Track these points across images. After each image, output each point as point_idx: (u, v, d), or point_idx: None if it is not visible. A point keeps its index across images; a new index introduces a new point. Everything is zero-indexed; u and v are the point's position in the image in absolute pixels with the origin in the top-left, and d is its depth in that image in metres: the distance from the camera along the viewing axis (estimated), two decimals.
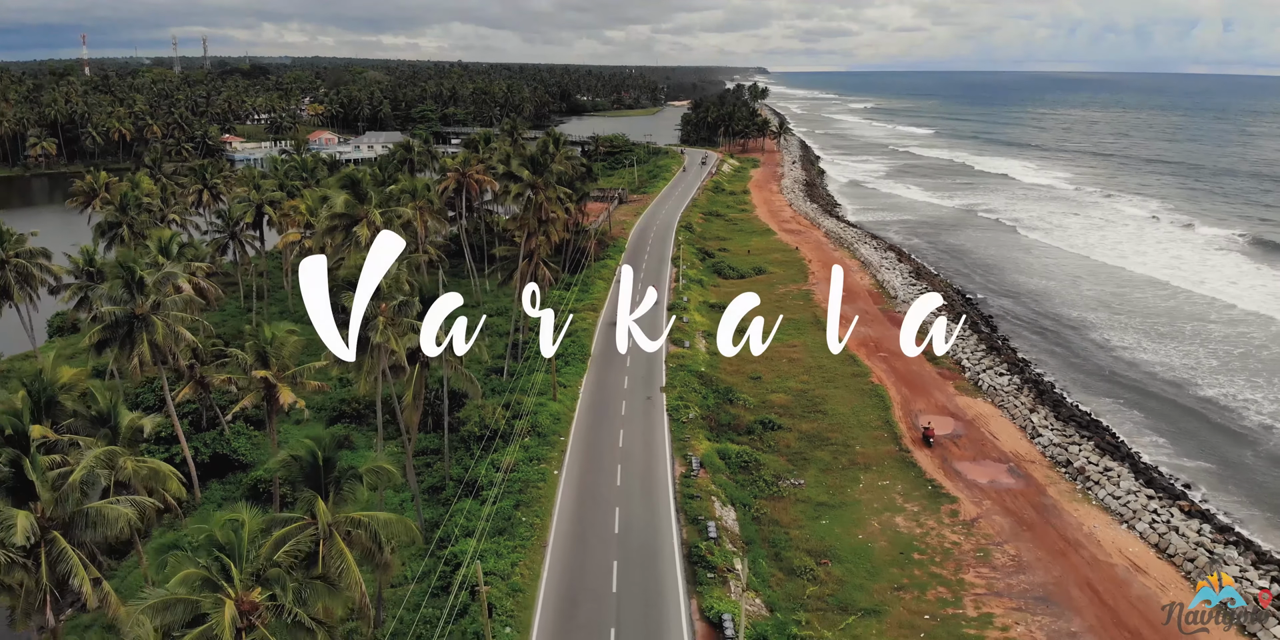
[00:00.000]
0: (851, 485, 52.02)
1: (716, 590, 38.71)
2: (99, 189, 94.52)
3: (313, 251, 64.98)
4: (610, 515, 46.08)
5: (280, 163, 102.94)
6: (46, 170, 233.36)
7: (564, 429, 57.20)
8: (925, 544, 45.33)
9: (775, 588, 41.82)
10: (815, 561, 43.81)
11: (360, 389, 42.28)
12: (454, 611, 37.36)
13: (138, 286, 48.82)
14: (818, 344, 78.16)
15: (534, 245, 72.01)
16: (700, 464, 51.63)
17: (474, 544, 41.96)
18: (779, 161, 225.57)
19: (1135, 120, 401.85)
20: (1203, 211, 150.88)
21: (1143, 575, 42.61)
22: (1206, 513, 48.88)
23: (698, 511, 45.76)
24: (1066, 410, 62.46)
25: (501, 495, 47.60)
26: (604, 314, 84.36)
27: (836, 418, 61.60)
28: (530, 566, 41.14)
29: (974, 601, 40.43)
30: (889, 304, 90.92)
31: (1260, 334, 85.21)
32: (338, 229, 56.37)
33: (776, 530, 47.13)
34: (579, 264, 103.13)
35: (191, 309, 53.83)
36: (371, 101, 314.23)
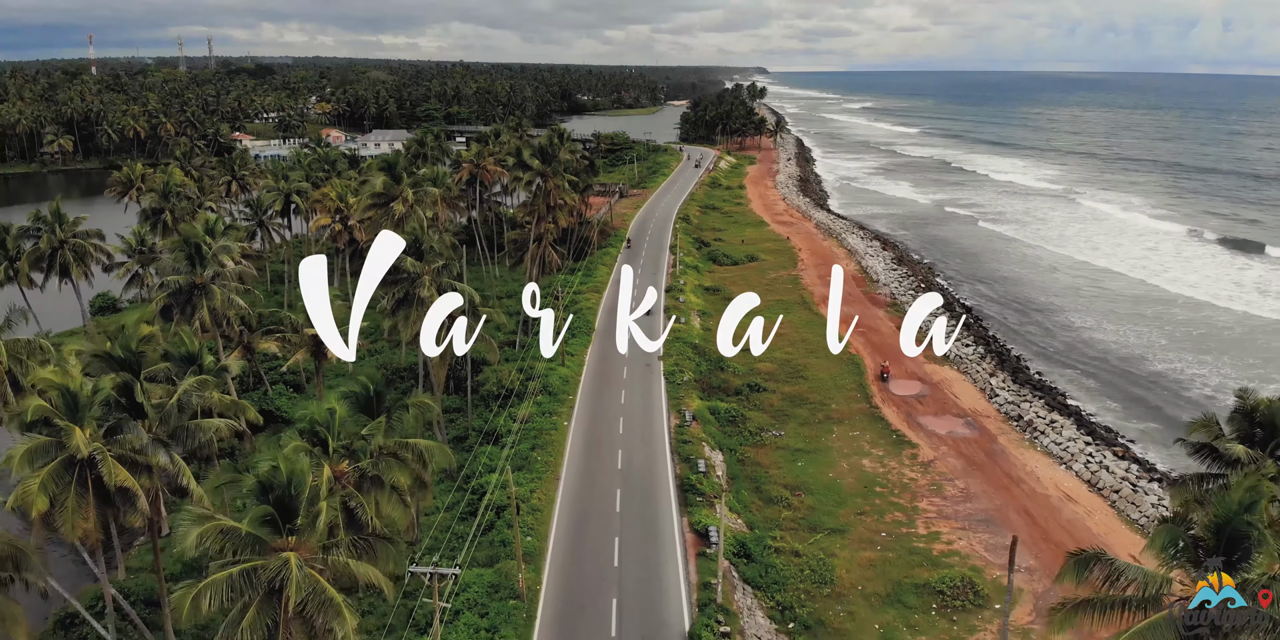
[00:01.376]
0: (825, 435, 58.99)
1: (704, 510, 45.58)
2: (135, 180, 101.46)
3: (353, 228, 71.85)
4: (614, 456, 52.94)
5: (303, 156, 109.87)
6: (63, 167, 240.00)
7: (572, 389, 64.07)
8: (886, 480, 52.29)
9: (755, 512, 48.78)
10: (790, 493, 50.78)
11: (405, 336, 48.94)
12: (481, 528, 44.24)
13: (199, 258, 55.76)
14: (803, 321, 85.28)
15: (543, 229, 78.93)
16: (693, 417, 58.51)
17: (495, 477, 48.82)
18: (775, 158, 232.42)
19: (1126, 120, 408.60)
20: (1178, 208, 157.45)
21: (1073, 504, 49.51)
22: (1137, 457, 55.79)
23: (689, 453, 52.63)
24: (1024, 376, 69.46)
25: (518, 440, 54.44)
26: (606, 295, 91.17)
27: (816, 382, 68.60)
28: (546, 493, 48.02)
29: (925, 523, 47.38)
30: (870, 287, 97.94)
31: (1220, 319, 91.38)
32: (377, 205, 63.32)
33: (758, 470, 54.11)
34: (582, 252, 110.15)
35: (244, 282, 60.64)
36: (377, 100, 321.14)
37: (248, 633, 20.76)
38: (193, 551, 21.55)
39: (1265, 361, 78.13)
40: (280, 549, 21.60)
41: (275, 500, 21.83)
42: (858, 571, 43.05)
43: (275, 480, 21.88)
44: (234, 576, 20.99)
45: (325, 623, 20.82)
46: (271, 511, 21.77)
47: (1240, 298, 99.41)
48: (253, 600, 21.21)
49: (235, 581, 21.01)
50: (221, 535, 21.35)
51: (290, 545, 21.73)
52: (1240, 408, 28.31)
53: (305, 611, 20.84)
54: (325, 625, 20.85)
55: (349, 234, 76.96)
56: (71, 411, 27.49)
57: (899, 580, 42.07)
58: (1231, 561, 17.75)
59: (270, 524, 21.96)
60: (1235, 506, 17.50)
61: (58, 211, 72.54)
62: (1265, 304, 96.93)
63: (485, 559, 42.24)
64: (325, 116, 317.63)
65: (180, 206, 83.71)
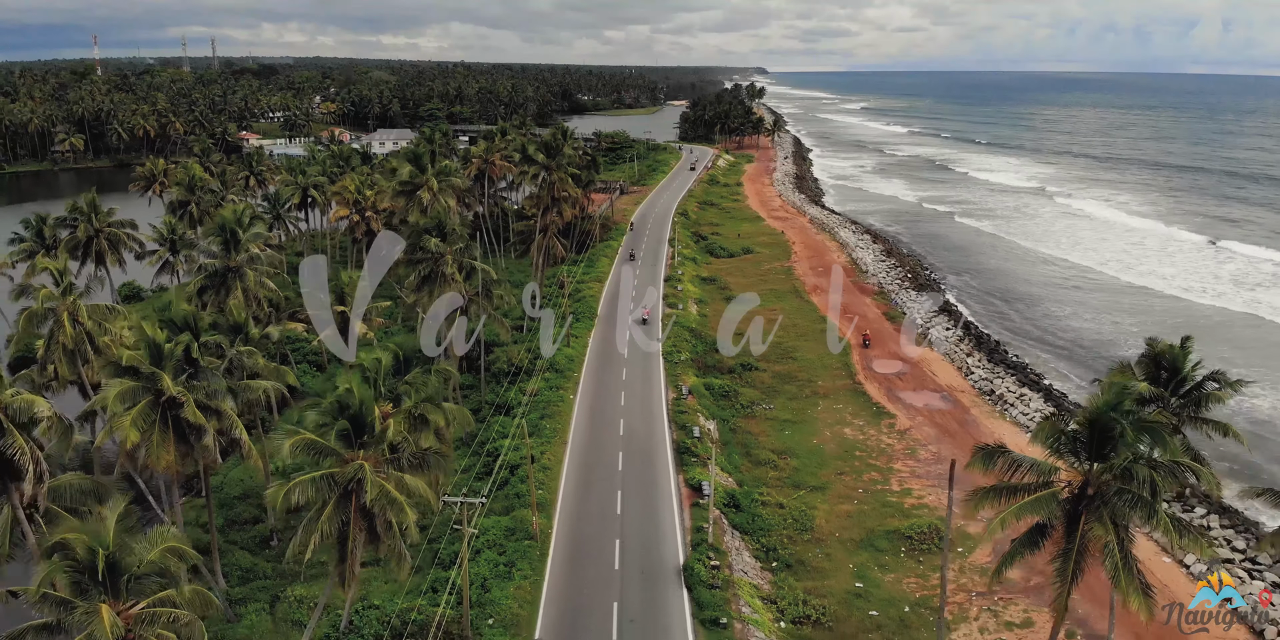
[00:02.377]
0: (811, 408, 63.79)
1: (698, 468, 50.36)
2: (158, 175, 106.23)
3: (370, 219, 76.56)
4: (616, 425, 57.73)
5: (318, 152, 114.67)
6: (74, 165, 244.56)
7: (577, 368, 68.81)
8: (865, 446, 57.11)
9: (745, 473, 53.58)
10: (777, 456, 55.60)
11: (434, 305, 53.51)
12: (497, 484, 49.02)
13: (234, 243, 60.54)
14: (794, 308, 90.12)
15: (548, 220, 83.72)
16: (689, 391, 63.29)
17: (508, 442, 53.58)
18: (772, 157, 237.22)
19: (1121, 120, 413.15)
20: (1162, 206, 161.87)
21: None
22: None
23: (685, 421, 57.40)
24: (999, 356, 74.26)
25: (528, 411, 59.22)
26: (607, 284, 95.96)
27: (804, 362, 73.37)
28: (555, 455, 52.80)
29: (899, 481, 52.18)
30: (860, 277, 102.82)
31: (1194, 311, 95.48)
32: (404, 192, 68.17)
33: (748, 437, 58.92)
34: (584, 245, 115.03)
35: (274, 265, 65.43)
36: (381, 100, 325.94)
37: (326, 524, 25.50)
38: (286, 457, 26.29)
39: (1234, 349, 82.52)
40: (351, 460, 26.34)
41: (350, 418, 26.58)
42: (835, 521, 47.86)
43: (349, 401, 26.62)
44: (317, 479, 25.72)
45: (390, 517, 25.55)
46: (348, 427, 26.50)
47: (1212, 289, 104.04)
48: (330, 499, 25.94)
49: (318, 483, 25.73)
50: (307, 446, 26.07)
51: (360, 457, 26.47)
52: (1148, 353, 32.98)
53: (374, 508, 25.59)
54: (388, 519, 25.58)
55: (366, 224, 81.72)
56: (156, 361, 32.18)
57: (872, 528, 46.90)
58: (1103, 452, 22.28)
59: (344, 438, 26.71)
60: (1103, 404, 22.07)
61: (94, 202, 77.23)
62: (1238, 296, 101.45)
63: (501, 509, 47.02)
64: (330, 116, 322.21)
65: (205, 199, 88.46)
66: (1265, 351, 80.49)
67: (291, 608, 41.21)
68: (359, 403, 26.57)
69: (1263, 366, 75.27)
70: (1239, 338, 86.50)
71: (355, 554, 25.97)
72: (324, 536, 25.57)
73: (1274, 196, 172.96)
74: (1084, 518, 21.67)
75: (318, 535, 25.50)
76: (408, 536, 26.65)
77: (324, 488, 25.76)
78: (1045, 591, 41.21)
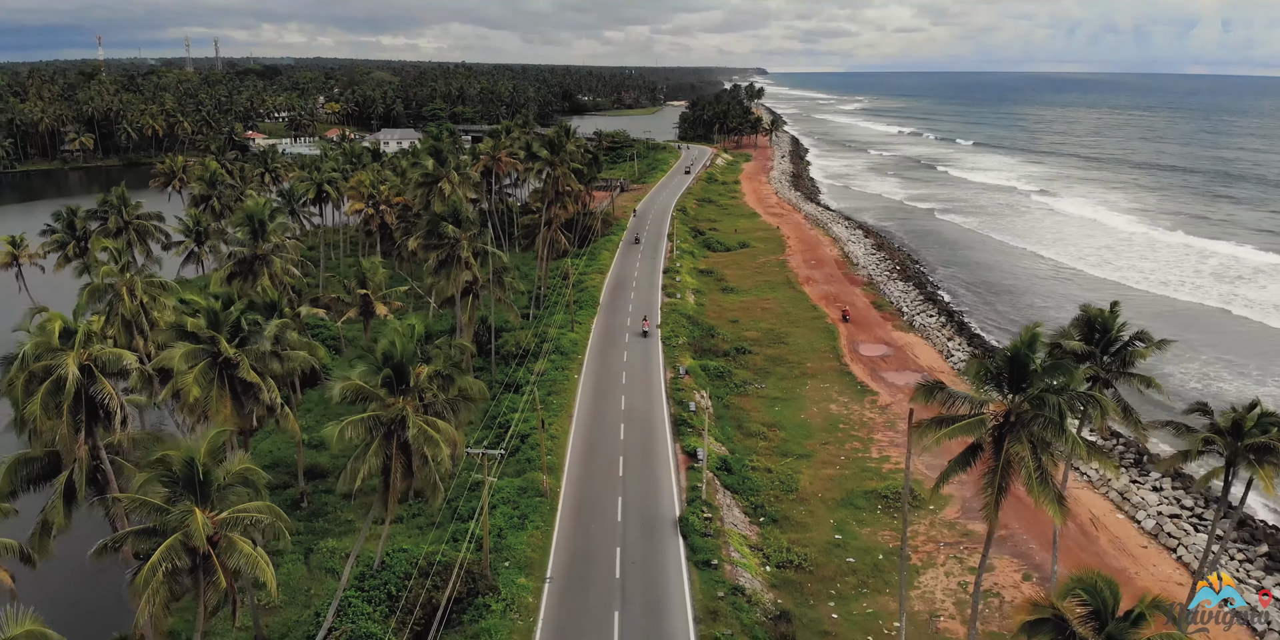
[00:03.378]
0: (800, 387, 68.17)
1: (693, 437, 54.72)
2: (178, 171, 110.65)
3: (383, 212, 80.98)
4: (618, 400, 62.08)
5: (330, 150, 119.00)
6: (83, 164, 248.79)
7: (580, 350, 73.20)
8: (849, 419, 61.49)
9: (737, 443, 57.95)
10: (767, 429, 59.97)
11: (447, 292, 57.83)
12: (509, 451, 53.32)
13: (261, 232, 64.87)
14: (787, 298, 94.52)
15: (552, 213, 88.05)
16: (686, 371, 67.61)
17: (518, 415, 57.93)
18: (770, 156, 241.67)
19: (1114, 120, 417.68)
20: (1146, 204, 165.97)
21: None
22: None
23: (682, 397, 61.74)
24: (979, 341, 78.58)
25: (535, 388, 63.57)
26: (609, 276, 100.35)
27: (795, 346, 77.76)
28: (562, 426, 57.15)
29: (878, 449, 56.57)
30: (851, 269, 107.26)
31: (1172, 305, 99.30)
32: (425, 184, 72.62)
33: (741, 413, 63.29)
34: (586, 239, 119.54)
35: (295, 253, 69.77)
36: (385, 100, 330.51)
37: (373, 459, 29.83)
38: (337, 398, 30.66)
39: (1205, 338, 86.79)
40: (393, 404, 30.68)
41: (393, 367, 30.92)
42: (819, 483, 52.25)
43: (392, 353, 30.95)
44: (366, 419, 30.06)
45: (426, 451, 29.89)
46: (391, 375, 30.83)
47: (1190, 283, 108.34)
48: (375, 437, 30.27)
49: (367, 422, 30.05)
50: (356, 391, 30.43)
51: (401, 402, 30.80)
52: (1081, 317, 37.33)
53: (412, 444, 29.92)
54: (424, 453, 29.92)
55: (380, 217, 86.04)
56: (214, 326, 36.47)
57: (852, 489, 51.30)
58: (1021, 386, 26.52)
59: (387, 385, 31.04)
60: (1019, 344, 26.33)
61: (124, 196, 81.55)
62: (1214, 291, 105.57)
63: (514, 473, 51.37)
64: (334, 116, 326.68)
65: (225, 194, 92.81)
66: (1233, 341, 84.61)
67: (325, 557, 45.66)
68: (400, 355, 30.90)
69: (1232, 355, 79.65)
70: (1210, 328, 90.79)
71: (396, 484, 30.29)
72: (370, 470, 29.91)
73: (1258, 195, 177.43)
74: (1007, 440, 25.93)
75: (365, 467, 29.79)
76: (440, 468, 30.93)
77: (371, 426, 30.06)
78: (1006, 542, 45.74)
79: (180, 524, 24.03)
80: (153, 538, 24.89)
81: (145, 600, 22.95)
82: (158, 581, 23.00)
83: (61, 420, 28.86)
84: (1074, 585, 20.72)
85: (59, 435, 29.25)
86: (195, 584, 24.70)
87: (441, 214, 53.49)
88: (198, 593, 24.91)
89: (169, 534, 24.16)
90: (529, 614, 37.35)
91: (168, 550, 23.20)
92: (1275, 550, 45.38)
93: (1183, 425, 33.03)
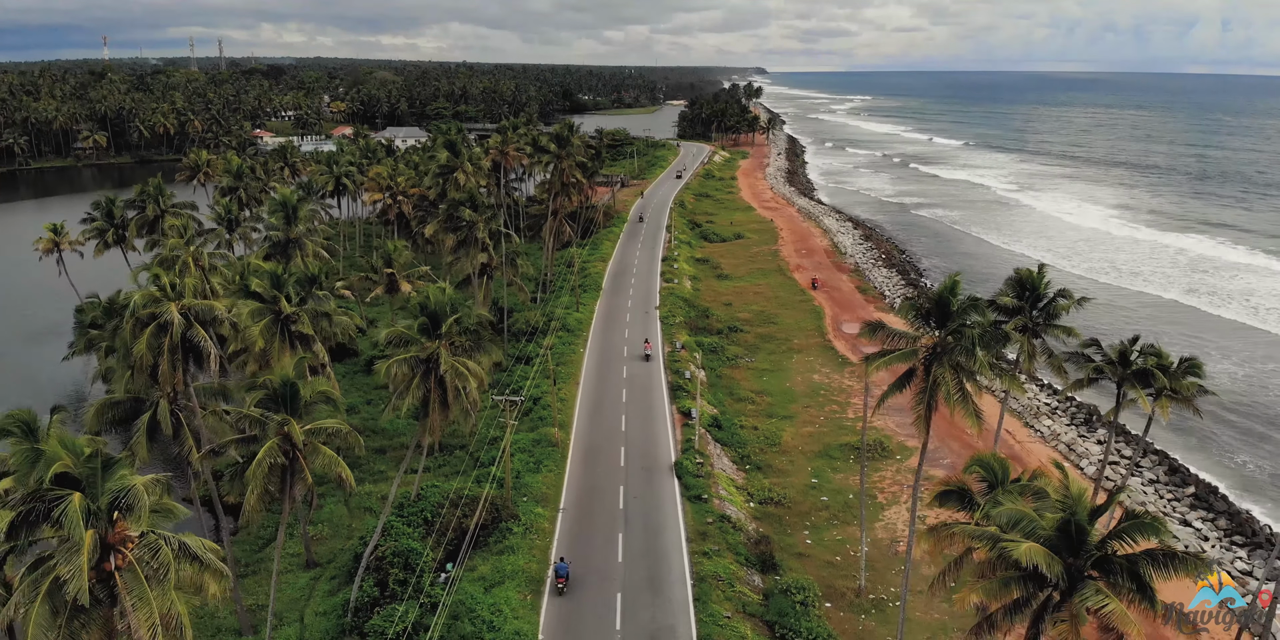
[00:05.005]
0: (787, 361, 74.41)
1: (688, 400, 60.91)
2: (202, 165, 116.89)
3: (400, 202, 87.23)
4: (620, 370, 68.30)
5: (347, 145, 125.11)
6: (96, 161, 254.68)
7: (585, 328, 79.44)
8: (829, 387, 67.72)
9: (727, 407, 64.16)
10: (755, 395, 66.18)
11: (466, 268, 64.08)
12: (522, 411, 59.50)
13: (293, 217, 71.09)
14: (777, 283, 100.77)
15: (558, 204, 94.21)
16: (682, 346, 73.83)
17: (529, 381, 64.10)
18: (766, 154, 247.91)
19: (1107, 119, 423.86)
20: (1130, 202, 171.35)
21: None
22: (1035, 377, 71.08)
23: (679, 368, 67.97)
24: None
25: (549, 352, 69.76)
26: (610, 264, 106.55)
27: (784, 326, 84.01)
28: (570, 391, 63.36)
29: (854, 412, 62.77)
30: (840, 258, 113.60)
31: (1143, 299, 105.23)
32: (442, 174, 78.90)
33: (732, 382, 69.53)
34: (589, 231, 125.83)
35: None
36: (390, 99, 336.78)
37: (416, 391, 36.06)
38: (382, 341, 37.09)
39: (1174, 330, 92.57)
40: (429, 346, 36.94)
41: (429, 315, 37.15)
42: (799, 439, 58.50)
43: (428, 303, 37.18)
44: (408, 357, 36.29)
45: (459, 384, 36.12)
46: (427, 322, 37.04)
47: (1161, 274, 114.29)
48: (416, 373, 36.50)
49: (409, 360, 36.28)
50: (399, 336, 36.74)
51: (436, 344, 37.04)
52: (1013, 278, 43.55)
53: (446, 378, 36.14)
54: (457, 386, 36.14)
55: (398, 207, 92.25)
56: (276, 287, 42.63)
57: (829, 443, 57.55)
58: (945, 322, 32.58)
59: (425, 331, 37.28)
60: (943, 288, 32.42)
61: (160, 186, 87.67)
62: (1182, 283, 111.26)
63: (528, 429, 57.58)
64: (340, 115, 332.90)
65: (251, 186, 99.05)
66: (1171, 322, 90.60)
67: (363, 499, 52.04)
68: (435, 306, 37.11)
69: (1193, 339, 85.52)
70: (1175, 319, 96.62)
71: (435, 412, 36.45)
72: (413, 400, 36.13)
73: (1236, 193, 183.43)
74: (934, 366, 31.99)
75: (409, 399, 35.99)
76: (471, 398, 37.11)
77: (413, 364, 36.25)
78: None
79: (279, 430, 30.21)
80: (251, 445, 31.08)
81: (250, 489, 29.06)
82: (261, 473, 29.11)
83: (163, 358, 34.90)
84: (973, 464, 26.90)
85: (160, 371, 35.27)
86: (284, 482, 30.85)
87: (460, 199, 59.77)
88: (285, 490, 31.07)
89: (268, 440, 30.32)
90: (545, 536, 43.61)
91: (269, 450, 29.29)
92: (1200, 491, 51.68)
93: (1082, 355, 39.36)
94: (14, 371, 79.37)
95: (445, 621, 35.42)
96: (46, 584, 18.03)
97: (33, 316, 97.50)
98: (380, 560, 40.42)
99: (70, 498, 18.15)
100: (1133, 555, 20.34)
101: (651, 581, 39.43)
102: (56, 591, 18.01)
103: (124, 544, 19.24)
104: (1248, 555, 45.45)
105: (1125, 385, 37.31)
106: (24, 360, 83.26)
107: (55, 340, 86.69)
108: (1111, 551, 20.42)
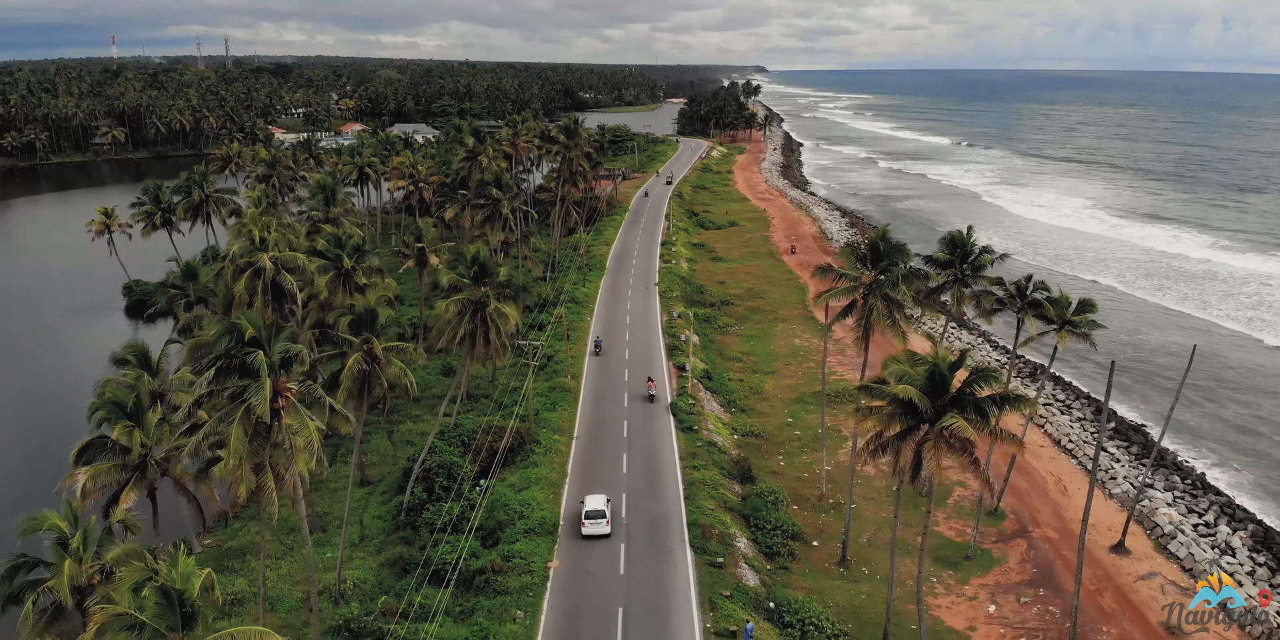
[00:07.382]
0: (772, 328, 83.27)
1: (682, 356, 69.75)
2: (233, 156, 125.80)
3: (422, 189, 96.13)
4: (623, 334, 77.10)
5: (366, 138, 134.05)
6: (114, 156, 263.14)
7: (591, 300, 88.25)
8: (808, 349, 76.56)
9: (717, 364, 72.99)
10: (742, 355, 75.04)
11: (493, 241, 72.70)
12: (538, 368, 68.31)
13: (331, 199, 79.86)
14: (767, 265, 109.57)
15: (566, 191, 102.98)
16: (678, 315, 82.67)
17: (545, 335, 72.79)
18: (763, 149, 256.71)
19: (1101, 117, 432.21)
20: (1113, 196, 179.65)
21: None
22: (993, 341, 79.79)
23: (675, 332, 76.81)
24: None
25: (557, 324, 78.64)
26: (613, 247, 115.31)
27: (771, 300, 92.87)
28: (579, 350, 72.17)
29: (828, 368, 71.48)
30: (826, 243, 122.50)
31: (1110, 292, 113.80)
32: (467, 159, 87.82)
33: (723, 345, 78.40)
34: (593, 219, 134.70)
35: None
36: (396, 97, 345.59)
37: (466, 326, 44.94)
38: (444, 282, 45.98)
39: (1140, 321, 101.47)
40: (478, 290, 45.87)
41: (479, 265, 46.03)
42: (779, 389, 67.34)
43: (478, 256, 46.10)
44: (460, 299, 45.13)
45: (499, 324, 44.97)
46: (477, 270, 45.92)
47: (1130, 271, 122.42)
48: (466, 313, 45.37)
49: (460, 302, 45.13)
50: (450, 282, 45.74)
51: (483, 290, 45.92)
52: (945, 238, 52.40)
53: (490, 317, 45.01)
54: (498, 326, 44.98)
55: (420, 194, 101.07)
56: (338, 247, 51.39)
57: (804, 392, 66.38)
58: (878, 264, 41.34)
59: (474, 278, 46.15)
60: (876, 236, 41.16)
61: (204, 173, 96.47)
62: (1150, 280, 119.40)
63: (544, 380, 66.39)
64: (348, 112, 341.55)
65: (284, 174, 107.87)
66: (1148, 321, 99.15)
67: (404, 434, 60.82)
68: (483, 258, 45.99)
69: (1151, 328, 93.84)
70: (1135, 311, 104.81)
71: (480, 343, 45.30)
72: (461, 333, 44.98)
73: (1218, 189, 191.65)
74: (870, 298, 40.70)
75: (460, 330, 44.86)
76: (506, 334, 45.95)
77: (464, 305, 45.09)
78: None
79: (364, 346, 39.07)
80: (334, 360, 39.93)
81: (342, 388, 37.84)
82: (350, 376, 37.92)
83: (258, 297, 43.67)
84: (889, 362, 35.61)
85: (255, 309, 43.98)
86: (363, 387, 39.65)
87: (488, 179, 68.60)
88: (363, 394, 39.88)
89: (354, 353, 39.14)
90: (563, 455, 52.45)
91: (357, 359, 38.07)
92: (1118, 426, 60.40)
93: (988, 292, 48.24)
94: (75, 337, 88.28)
95: (483, 514, 44.28)
96: (241, 409, 26.78)
97: (81, 294, 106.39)
98: (427, 471, 49.31)
99: (256, 354, 26.82)
100: (978, 396, 29.24)
101: (650, 487, 48.27)
102: (247, 417, 26.71)
103: (287, 391, 27.93)
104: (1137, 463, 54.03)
105: (1023, 314, 46.35)
106: (81, 328, 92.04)
107: (107, 314, 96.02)
108: (964, 393, 29.29)
